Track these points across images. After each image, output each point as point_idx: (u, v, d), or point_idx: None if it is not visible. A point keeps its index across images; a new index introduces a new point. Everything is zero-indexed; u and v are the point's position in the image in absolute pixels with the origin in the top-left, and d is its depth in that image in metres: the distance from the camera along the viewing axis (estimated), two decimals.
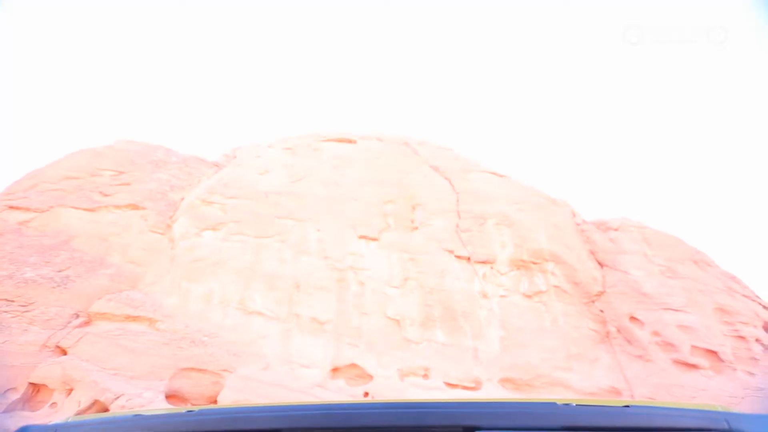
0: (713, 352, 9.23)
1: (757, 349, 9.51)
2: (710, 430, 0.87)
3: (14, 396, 7.55)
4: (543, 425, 0.87)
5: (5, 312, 8.41)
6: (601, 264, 11.28)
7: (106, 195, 11.47)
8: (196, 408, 1.00)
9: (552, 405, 0.93)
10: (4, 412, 7.22)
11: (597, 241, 11.79)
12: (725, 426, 0.88)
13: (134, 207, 11.27)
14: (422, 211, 11.61)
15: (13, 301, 8.62)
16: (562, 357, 9.07)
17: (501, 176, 13.46)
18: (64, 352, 8.11)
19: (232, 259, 9.87)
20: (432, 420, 0.89)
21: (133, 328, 8.44)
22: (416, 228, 11.23)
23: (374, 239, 10.69)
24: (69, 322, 8.65)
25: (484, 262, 10.61)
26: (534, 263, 10.62)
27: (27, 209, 10.61)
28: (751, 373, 9.04)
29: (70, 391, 7.53)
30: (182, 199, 12.08)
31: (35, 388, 7.80)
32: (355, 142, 14.50)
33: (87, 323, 8.73)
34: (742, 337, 9.64)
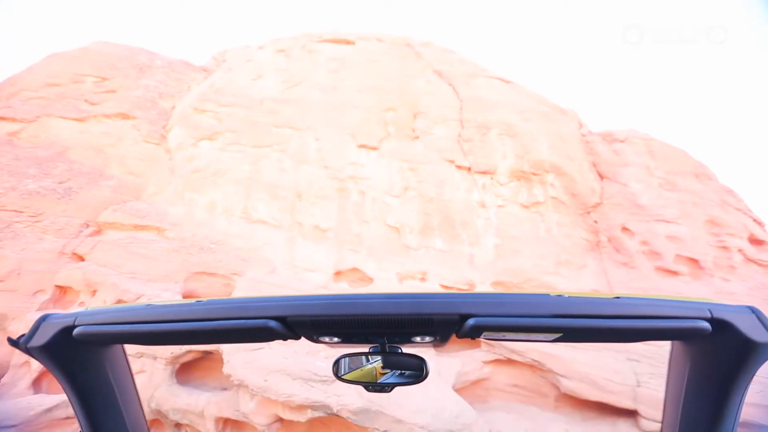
0: (695, 261, 9.75)
1: (737, 258, 10.03)
2: (694, 317, 0.90)
3: (43, 297, 8.19)
4: (535, 313, 0.90)
5: (17, 222, 8.68)
6: (601, 176, 11.27)
7: (92, 104, 10.95)
8: (205, 299, 1.04)
9: (545, 296, 0.95)
10: (37, 310, 7.91)
11: (600, 152, 11.59)
12: (708, 314, 0.91)
13: (124, 116, 10.85)
14: (424, 120, 11.19)
15: (22, 212, 8.83)
16: (552, 263, 9.61)
17: (508, 82, 12.65)
18: (82, 259, 8.57)
19: (232, 169, 9.83)
20: (429, 308, 0.93)
21: (142, 237, 8.78)
22: (417, 137, 10.94)
23: (374, 148, 10.50)
24: (80, 232, 8.98)
25: (484, 173, 10.58)
26: (534, 174, 10.60)
27: (13, 119, 10.23)
28: (727, 280, 9.67)
29: (94, 292, 8.13)
30: (173, 107, 11.55)
31: (62, 290, 8.42)
32: (353, 43, 13.30)
33: (98, 232, 9.06)
34: (725, 248, 10.09)
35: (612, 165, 11.33)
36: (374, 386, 1.13)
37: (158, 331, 1.02)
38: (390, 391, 1.11)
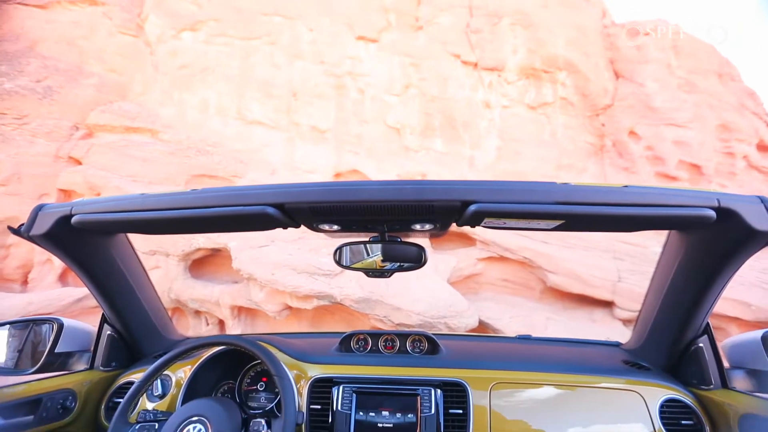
0: (697, 167, 9.66)
1: (740, 165, 9.92)
2: (701, 206, 0.88)
3: (49, 200, 8.30)
4: (540, 200, 0.86)
5: (3, 125, 8.35)
6: (617, 74, 10.51)
7: None
8: (200, 188, 1.01)
9: (551, 184, 0.91)
10: None
11: (621, 48, 10.61)
12: (715, 203, 0.89)
13: (92, 1, 9.63)
14: (428, 6, 9.98)
15: (5, 114, 8.43)
16: (553, 167, 9.55)
17: None
18: (79, 163, 8.47)
19: (221, 65, 9.10)
20: (431, 195, 0.89)
21: (136, 139, 8.55)
22: (420, 27, 9.88)
23: (373, 41, 9.57)
24: (71, 135, 8.71)
25: (491, 69, 9.84)
26: (545, 72, 9.87)
27: None
28: (724, 186, 9.71)
29: (98, 195, 8.25)
30: None
31: (65, 193, 8.50)
32: None
33: (89, 135, 8.79)
34: (731, 154, 9.91)
35: (631, 62, 10.48)
36: (374, 272, 1.17)
37: (155, 218, 1.01)
38: (389, 276, 1.16)
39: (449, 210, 0.93)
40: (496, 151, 9.55)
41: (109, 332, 1.52)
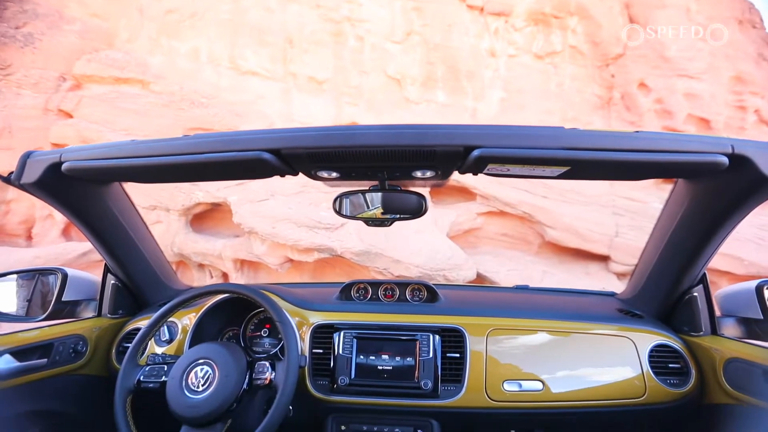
0: (706, 121, 9.40)
1: (751, 119, 9.63)
2: (714, 153, 0.84)
3: None
4: (546, 145, 0.82)
5: None
6: (632, 20, 9.90)
7: None
8: (192, 133, 0.97)
9: (558, 129, 0.87)
10: None
11: None
12: (729, 150, 0.85)
13: None
14: None
15: None
16: (557, 119, 9.29)
17: None
18: (69, 116, 8.23)
19: (210, 10, 8.54)
20: (432, 140, 0.85)
21: (126, 91, 8.23)
22: None
23: None
24: (59, 86, 8.37)
25: (498, 14, 9.25)
26: (555, 18, 9.29)
27: None
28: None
29: None
30: None
31: (59, 147, 8.34)
32: None
33: (78, 86, 8.45)
34: (742, 107, 9.59)
35: (647, 7, 9.83)
36: (374, 221, 1.16)
37: (147, 165, 0.98)
38: (389, 225, 1.15)
39: (451, 156, 0.89)
40: (499, 103, 9.24)
41: (113, 281, 1.54)
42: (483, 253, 7.29)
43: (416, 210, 1.10)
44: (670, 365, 1.24)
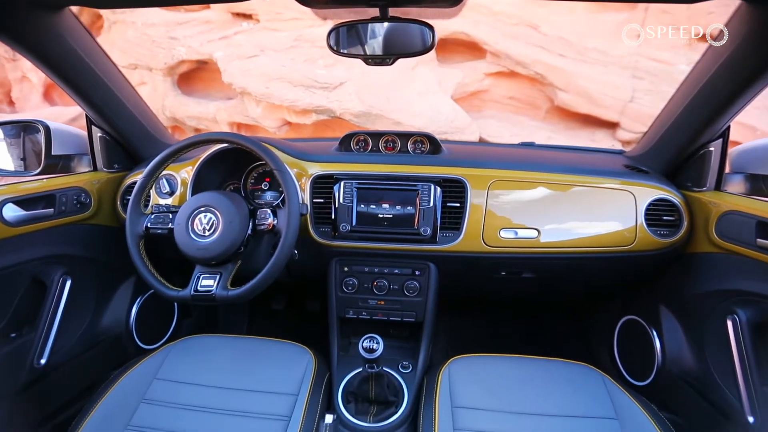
0: None
1: None
2: None
3: None
4: None
5: None
6: None
7: None
8: None
9: None
10: None
11: None
12: None
13: None
14: None
15: None
16: None
17: None
18: None
19: None
20: None
21: None
22: None
23: None
24: None
25: None
26: None
27: None
28: None
29: None
30: None
31: None
32: None
33: None
34: None
35: None
36: (374, 58, 1.01)
37: None
38: (391, 63, 1.01)
39: None
40: None
41: (99, 134, 1.48)
42: (487, 117, 7.01)
43: (422, 44, 0.94)
44: (665, 218, 1.26)
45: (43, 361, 1.21)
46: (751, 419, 0.96)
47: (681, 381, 1.25)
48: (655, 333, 1.37)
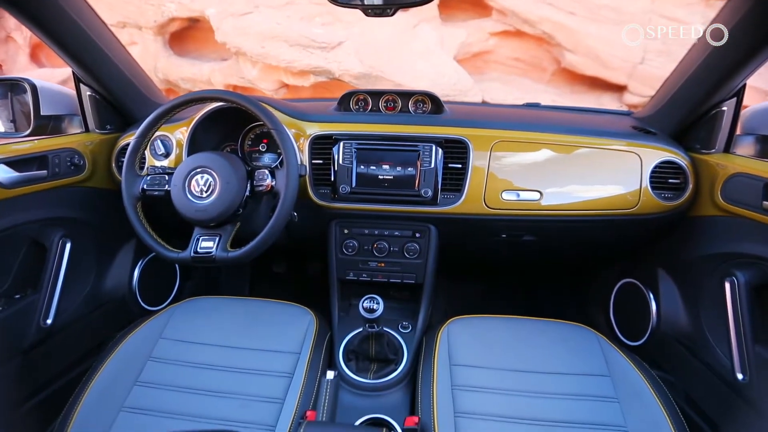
0: None
1: None
2: None
3: None
4: None
5: None
6: None
7: None
8: None
9: None
10: None
11: None
12: None
13: None
14: None
15: None
16: None
17: None
18: None
19: None
20: None
21: None
22: None
23: None
24: None
25: None
26: None
27: None
28: None
29: None
30: None
31: None
32: None
33: None
34: None
35: None
36: (374, 8, 0.95)
37: None
38: (392, 14, 0.94)
39: None
40: None
41: (88, 93, 1.43)
42: (491, 80, 6.78)
43: None
44: (670, 180, 1.24)
45: (49, 321, 1.23)
46: (740, 376, 0.99)
47: (674, 341, 1.27)
48: (651, 295, 1.38)
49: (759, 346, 0.97)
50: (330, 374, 1.03)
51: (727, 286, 1.04)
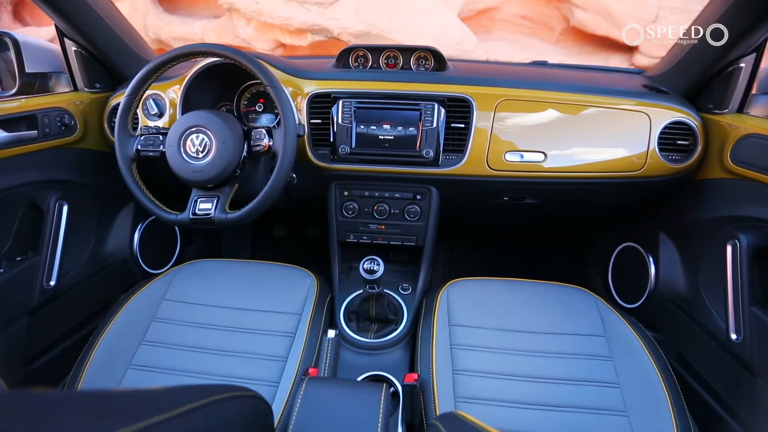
0: None
1: None
2: None
3: None
4: None
5: None
6: None
7: None
8: None
9: None
10: None
11: None
12: None
13: None
14: None
15: None
16: None
17: None
18: None
19: None
20: None
21: None
22: None
23: None
24: None
25: None
26: None
27: None
28: None
29: None
30: None
31: None
32: None
33: None
34: None
35: None
36: None
37: None
38: None
39: None
40: None
41: (74, 48, 1.36)
42: (496, 39, 6.49)
43: None
44: (679, 142, 1.21)
45: (52, 283, 1.24)
46: (734, 336, 1.01)
47: (671, 303, 1.29)
48: (651, 259, 1.39)
49: (755, 308, 0.98)
50: (331, 333, 1.05)
51: (729, 248, 1.03)
